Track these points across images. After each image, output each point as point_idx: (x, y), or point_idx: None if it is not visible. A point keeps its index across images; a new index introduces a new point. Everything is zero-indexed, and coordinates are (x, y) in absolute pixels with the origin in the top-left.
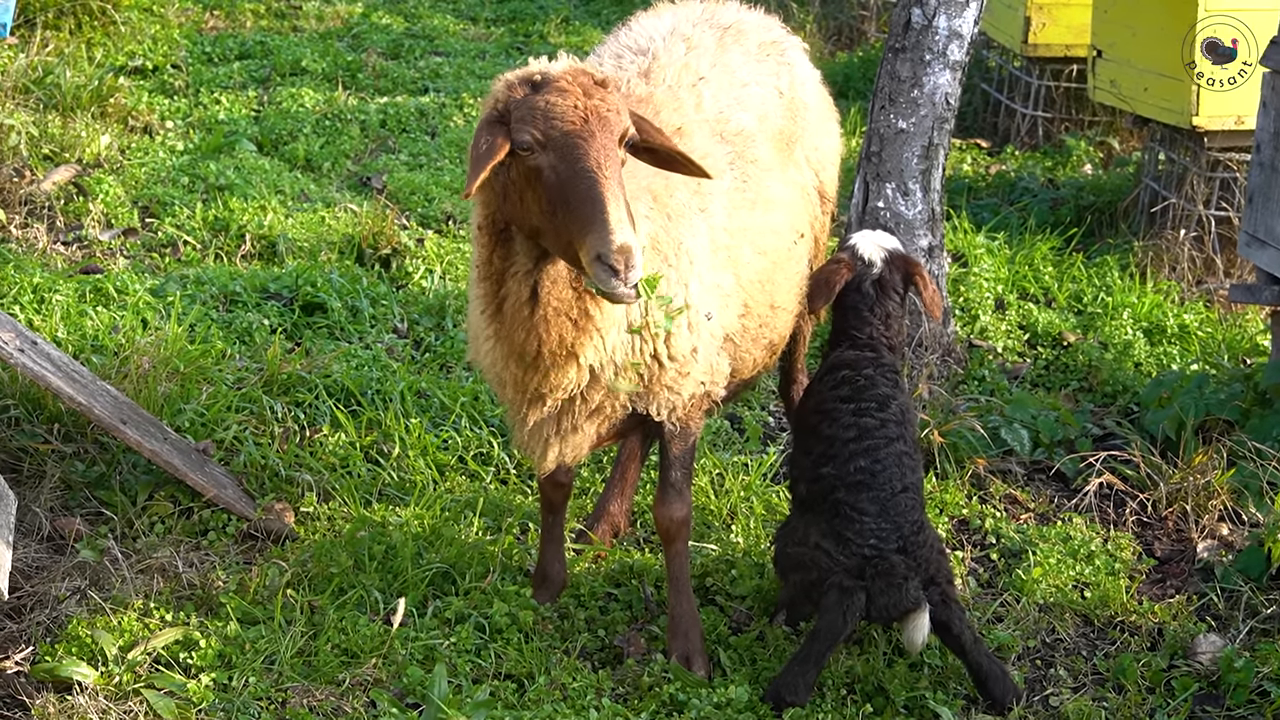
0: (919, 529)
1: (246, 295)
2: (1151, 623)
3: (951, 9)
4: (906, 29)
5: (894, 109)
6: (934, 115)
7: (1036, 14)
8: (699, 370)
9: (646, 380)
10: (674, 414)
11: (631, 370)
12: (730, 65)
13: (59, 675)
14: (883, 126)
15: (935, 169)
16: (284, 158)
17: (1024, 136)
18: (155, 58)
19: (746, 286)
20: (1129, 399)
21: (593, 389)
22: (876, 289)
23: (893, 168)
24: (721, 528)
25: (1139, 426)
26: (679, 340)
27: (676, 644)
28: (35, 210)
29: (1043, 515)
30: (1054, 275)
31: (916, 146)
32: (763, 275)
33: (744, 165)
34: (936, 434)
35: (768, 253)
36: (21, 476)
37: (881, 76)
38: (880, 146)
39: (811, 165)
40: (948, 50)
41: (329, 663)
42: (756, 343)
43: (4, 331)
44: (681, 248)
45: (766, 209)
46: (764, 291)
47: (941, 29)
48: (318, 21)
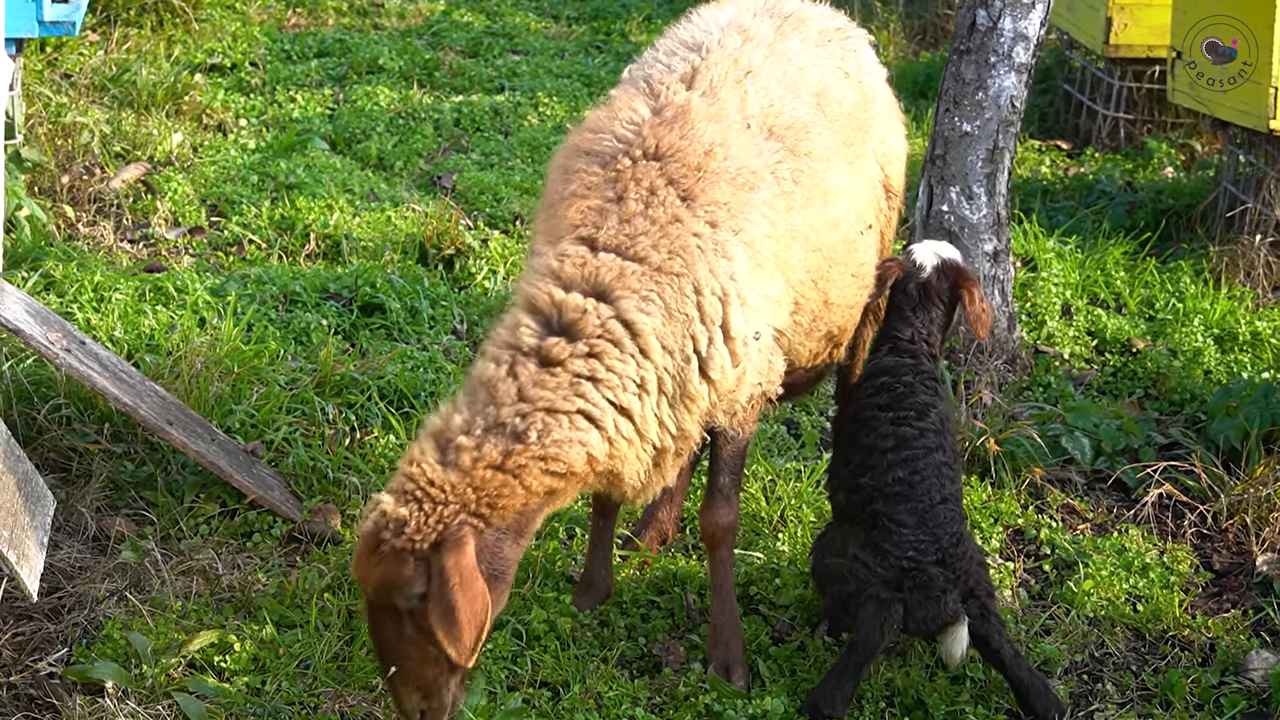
0: (958, 540)
1: (306, 295)
2: (1204, 638)
3: (1017, 10)
4: (971, 31)
5: (958, 112)
6: (999, 118)
7: (1118, 14)
8: (751, 379)
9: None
10: (734, 419)
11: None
12: (787, 53)
13: (90, 678)
14: (947, 129)
15: (1000, 173)
16: (356, 156)
17: (1105, 138)
18: (234, 55)
19: (797, 286)
20: (1196, 407)
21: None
22: (920, 292)
23: (957, 171)
24: (770, 535)
25: (1205, 436)
26: (725, 375)
27: (716, 653)
28: (104, 208)
29: (1100, 526)
30: (1126, 280)
31: (981, 150)
32: (817, 272)
33: (795, 161)
34: (992, 442)
35: (823, 249)
36: (70, 475)
37: (946, 79)
38: (945, 149)
39: (878, 159)
40: (1013, 52)
41: (363, 668)
42: (811, 335)
43: (51, 331)
44: (707, 295)
45: (823, 203)
46: (817, 289)
47: (1007, 31)
48: (399, 19)
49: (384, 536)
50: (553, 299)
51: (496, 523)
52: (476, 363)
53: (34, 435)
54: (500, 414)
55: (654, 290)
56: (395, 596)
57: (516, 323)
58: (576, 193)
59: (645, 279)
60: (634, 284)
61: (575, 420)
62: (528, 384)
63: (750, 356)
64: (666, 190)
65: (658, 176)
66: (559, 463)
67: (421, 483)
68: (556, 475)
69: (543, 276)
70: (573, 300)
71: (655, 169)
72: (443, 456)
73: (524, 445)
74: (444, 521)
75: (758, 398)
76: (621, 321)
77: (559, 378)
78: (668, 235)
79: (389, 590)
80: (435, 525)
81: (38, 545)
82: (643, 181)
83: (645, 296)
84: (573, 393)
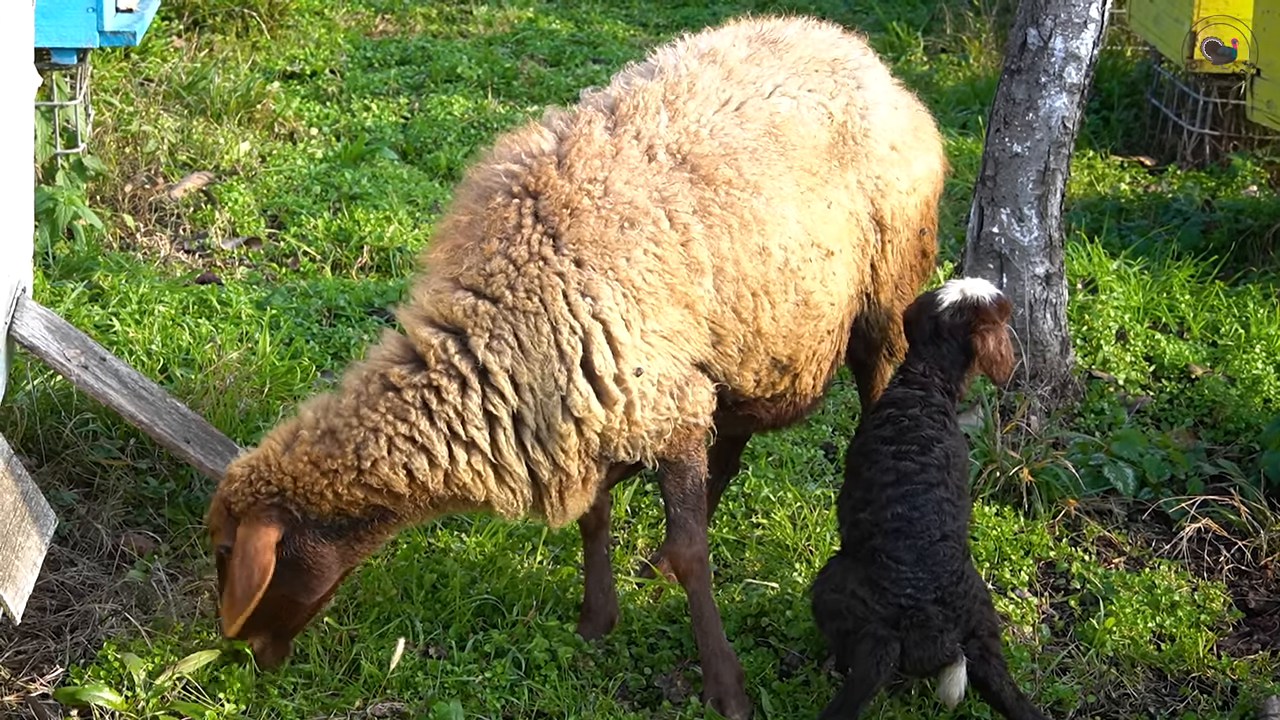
0: (959, 579)
1: (350, 309)
2: (1228, 680)
3: (1069, 30)
4: (1022, 50)
5: (1009, 132)
6: (1050, 139)
7: (1202, 29)
8: (647, 414)
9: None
10: (645, 451)
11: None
12: (750, 78)
13: (80, 700)
14: (998, 150)
15: (1053, 194)
16: (425, 167)
17: (1189, 155)
18: (315, 63)
19: (712, 317)
20: (1251, 437)
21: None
22: (932, 325)
23: (1008, 192)
24: (790, 564)
25: (1258, 468)
26: (593, 412)
27: (709, 687)
28: (164, 217)
29: (1136, 560)
30: (1191, 304)
31: (1032, 171)
32: (738, 301)
33: (706, 190)
34: (1026, 472)
35: (746, 278)
36: (93, 490)
37: (998, 99)
38: (995, 170)
39: (866, 193)
40: (1064, 72)
41: (358, 693)
42: (746, 365)
43: (70, 348)
44: (565, 334)
45: (745, 232)
46: (741, 319)
47: (1058, 51)
48: (486, 26)
49: (221, 484)
50: (413, 330)
51: (314, 517)
52: (350, 368)
53: (59, 450)
54: (335, 422)
55: (506, 329)
56: (214, 540)
57: (385, 345)
58: (448, 230)
59: (498, 318)
60: (485, 323)
61: (396, 443)
62: (364, 402)
63: (633, 392)
64: (533, 229)
65: (528, 214)
66: (375, 478)
67: (263, 455)
68: (375, 491)
69: (413, 308)
70: (425, 334)
71: (529, 206)
72: (287, 442)
73: (342, 455)
74: (257, 496)
75: (684, 428)
76: (470, 358)
77: (391, 402)
78: (525, 274)
79: (211, 532)
80: (250, 495)
81: (29, 566)
82: (509, 220)
83: (496, 334)
84: (399, 418)
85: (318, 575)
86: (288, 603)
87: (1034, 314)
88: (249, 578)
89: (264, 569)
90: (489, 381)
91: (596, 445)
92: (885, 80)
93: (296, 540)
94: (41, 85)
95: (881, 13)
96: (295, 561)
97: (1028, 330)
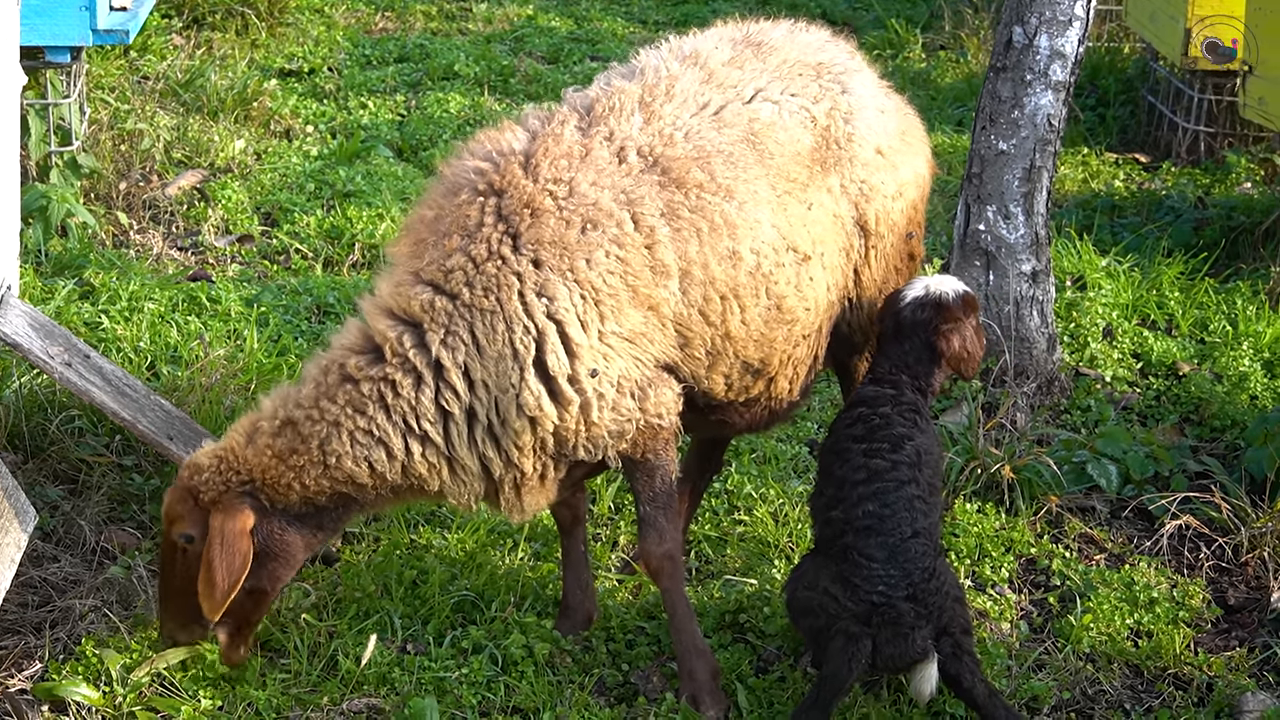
0: (930, 576)
1: (339, 306)
2: (1204, 676)
3: (1054, 28)
4: (1008, 48)
5: (994, 130)
6: (1035, 137)
7: (1197, 26)
8: (606, 415)
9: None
10: (607, 451)
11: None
12: (731, 81)
13: (57, 695)
14: (983, 148)
15: (1038, 192)
16: (420, 164)
17: (1184, 152)
18: (313, 60)
19: (679, 319)
20: (1236, 434)
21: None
22: (894, 322)
23: (994, 190)
24: (770, 561)
25: (1241, 464)
26: (545, 412)
27: (684, 684)
28: (158, 215)
29: (1117, 557)
30: (1180, 301)
31: (1018, 169)
32: (706, 304)
33: (676, 194)
34: (1007, 469)
35: (714, 281)
36: (79, 487)
37: (983, 96)
38: (981, 168)
39: (850, 198)
40: (1049, 70)
41: (335, 689)
42: (714, 369)
43: (53, 345)
44: (519, 333)
45: (715, 235)
46: (709, 322)
47: (1043, 48)
48: (485, 24)
49: (183, 474)
50: (373, 321)
51: (282, 506)
52: (311, 358)
53: (45, 446)
54: (295, 413)
55: (462, 325)
56: (172, 529)
57: (346, 333)
58: (414, 223)
59: (454, 315)
60: (442, 318)
61: (357, 437)
62: (324, 394)
63: (588, 393)
64: (494, 227)
65: (490, 213)
66: (340, 471)
67: (228, 445)
68: (339, 482)
69: (375, 298)
70: (384, 326)
71: (492, 205)
72: (249, 434)
73: (307, 450)
74: (228, 485)
75: (648, 429)
76: (425, 353)
77: (349, 395)
78: (483, 272)
79: (169, 521)
80: (220, 485)
81: (7, 562)
82: (472, 218)
83: (452, 331)
84: (357, 411)
85: (284, 562)
86: (253, 591)
87: (1020, 311)
88: (231, 561)
89: (245, 553)
90: (443, 377)
91: (552, 444)
92: (872, 83)
93: (265, 528)
94: (37, 83)
95: (881, 10)
96: (264, 550)
97: (1014, 327)
